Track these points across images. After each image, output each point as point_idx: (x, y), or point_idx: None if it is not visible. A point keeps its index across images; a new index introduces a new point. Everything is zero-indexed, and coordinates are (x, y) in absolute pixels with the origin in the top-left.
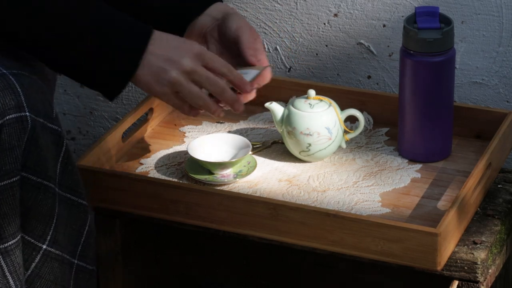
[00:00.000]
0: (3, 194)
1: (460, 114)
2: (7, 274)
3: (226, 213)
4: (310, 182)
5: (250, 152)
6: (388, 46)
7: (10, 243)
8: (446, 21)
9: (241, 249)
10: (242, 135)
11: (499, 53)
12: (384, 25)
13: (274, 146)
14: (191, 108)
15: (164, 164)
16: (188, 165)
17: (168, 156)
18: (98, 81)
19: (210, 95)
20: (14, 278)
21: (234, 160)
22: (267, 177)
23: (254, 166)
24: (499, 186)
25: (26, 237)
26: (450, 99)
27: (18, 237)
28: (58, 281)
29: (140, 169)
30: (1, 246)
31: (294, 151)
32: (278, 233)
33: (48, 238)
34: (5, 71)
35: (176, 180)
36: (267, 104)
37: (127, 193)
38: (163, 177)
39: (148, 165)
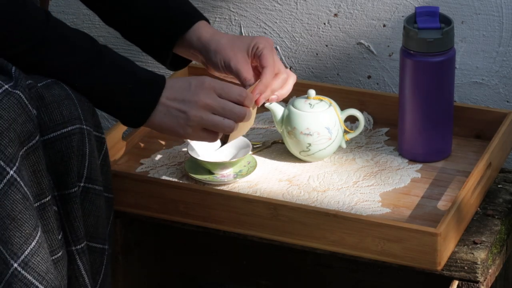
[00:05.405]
0: (78, 198)
1: (460, 114)
2: (83, 272)
3: (226, 213)
4: (310, 182)
5: (250, 152)
6: (388, 46)
7: (82, 245)
8: (446, 21)
9: (241, 249)
10: (242, 135)
11: (499, 53)
12: (384, 25)
13: (274, 146)
14: (217, 135)
15: (164, 164)
16: (188, 165)
17: (168, 156)
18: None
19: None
20: (89, 277)
21: (234, 160)
22: (267, 177)
23: (254, 166)
24: (499, 186)
25: (89, 243)
26: (450, 99)
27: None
28: (95, 270)
29: (140, 169)
30: (78, 247)
31: (294, 151)
32: (278, 233)
33: (95, 235)
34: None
35: (176, 180)
36: (267, 104)
37: (127, 193)
38: (163, 177)
39: (148, 165)
